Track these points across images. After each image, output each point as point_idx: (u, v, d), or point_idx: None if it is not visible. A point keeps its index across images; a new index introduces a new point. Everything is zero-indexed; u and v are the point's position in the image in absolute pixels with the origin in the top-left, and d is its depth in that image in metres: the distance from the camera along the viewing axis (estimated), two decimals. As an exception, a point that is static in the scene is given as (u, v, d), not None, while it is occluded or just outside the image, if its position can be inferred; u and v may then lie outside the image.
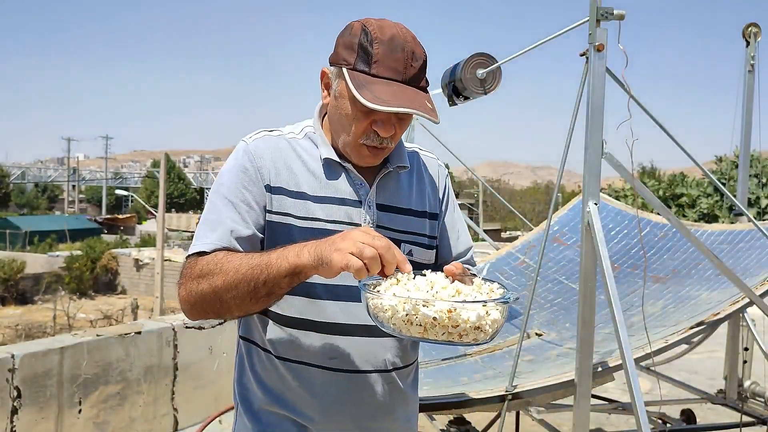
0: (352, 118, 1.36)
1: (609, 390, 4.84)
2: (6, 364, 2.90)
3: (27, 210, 55.07)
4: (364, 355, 1.42)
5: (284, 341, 1.41)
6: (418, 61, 1.35)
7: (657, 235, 4.43)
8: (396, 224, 1.46)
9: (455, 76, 3.46)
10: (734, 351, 4.09)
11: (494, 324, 1.13)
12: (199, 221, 1.40)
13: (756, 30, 4.06)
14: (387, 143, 1.39)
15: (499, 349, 3.63)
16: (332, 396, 1.40)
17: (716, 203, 20.90)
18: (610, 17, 2.46)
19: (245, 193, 1.37)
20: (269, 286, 1.23)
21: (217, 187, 1.41)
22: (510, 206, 5.84)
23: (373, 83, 1.31)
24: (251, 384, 1.45)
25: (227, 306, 1.28)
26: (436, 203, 1.56)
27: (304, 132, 1.48)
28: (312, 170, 1.42)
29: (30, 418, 2.98)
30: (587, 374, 2.56)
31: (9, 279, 18.42)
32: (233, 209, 1.36)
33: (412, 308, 1.11)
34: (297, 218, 1.38)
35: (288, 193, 1.39)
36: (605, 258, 2.46)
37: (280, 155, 1.42)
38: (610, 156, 2.59)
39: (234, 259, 1.27)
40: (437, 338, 1.12)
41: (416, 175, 1.54)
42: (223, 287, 1.25)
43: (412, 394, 1.56)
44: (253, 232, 1.36)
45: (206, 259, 1.30)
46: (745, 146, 4.26)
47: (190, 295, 1.31)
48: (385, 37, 1.33)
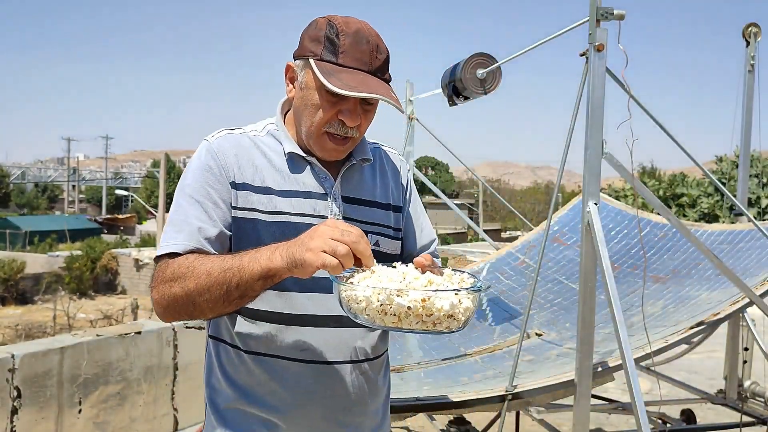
0: (319, 107, 1.36)
1: (609, 390, 4.85)
2: (6, 364, 2.90)
3: (27, 210, 55.08)
4: (335, 346, 1.41)
5: (253, 335, 1.40)
6: (383, 54, 1.38)
7: (657, 235, 4.43)
8: (362, 216, 1.47)
9: (455, 76, 3.46)
10: (734, 351, 4.09)
11: (466, 312, 1.15)
12: (166, 222, 1.40)
13: (756, 30, 4.06)
14: (352, 133, 1.40)
15: (499, 349, 3.63)
16: (303, 388, 1.40)
17: (716, 203, 20.89)
18: (610, 17, 2.46)
19: (211, 191, 1.37)
20: (242, 289, 1.23)
21: (181, 188, 1.40)
22: (510, 206, 5.84)
23: (340, 72, 1.32)
24: (220, 383, 1.44)
25: (200, 309, 1.28)
26: (399, 196, 1.58)
27: (266, 129, 1.48)
28: (276, 165, 1.43)
29: (30, 418, 2.98)
30: (587, 374, 2.56)
31: (9, 279, 18.41)
32: (200, 208, 1.36)
33: (386, 298, 1.13)
34: (263, 213, 1.38)
35: (253, 189, 1.39)
36: (605, 258, 2.46)
37: (244, 152, 1.42)
38: (610, 156, 2.59)
39: (206, 261, 1.27)
40: (411, 327, 1.14)
41: (379, 169, 1.56)
42: (195, 291, 1.26)
43: (383, 386, 1.54)
44: (221, 230, 1.36)
45: (178, 261, 1.30)
46: (745, 146, 4.26)
47: (162, 298, 1.31)
48: (351, 30, 1.35)
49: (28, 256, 21.70)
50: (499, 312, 4.10)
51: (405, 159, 1.73)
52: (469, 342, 3.79)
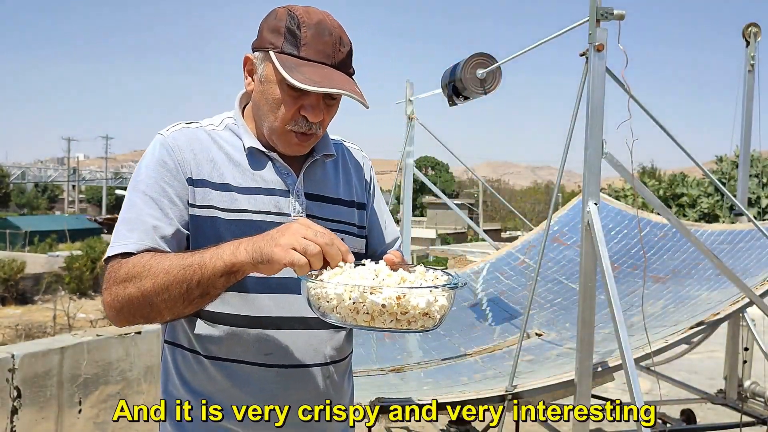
0: (280, 102, 1.30)
1: (609, 390, 4.84)
2: (6, 364, 2.90)
3: (27, 210, 55.08)
4: (300, 349, 1.35)
5: (214, 339, 1.33)
6: (346, 47, 1.32)
7: (657, 235, 4.44)
8: (326, 213, 1.41)
9: (455, 76, 3.47)
10: (734, 351, 4.09)
11: (442, 310, 1.12)
12: (117, 221, 1.31)
13: (756, 30, 4.06)
14: (316, 129, 1.34)
15: (499, 349, 3.64)
16: (268, 394, 1.33)
17: (716, 203, 20.90)
18: (610, 17, 2.46)
19: (166, 188, 1.30)
20: (203, 287, 1.17)
21: (134, 184, 1.32)
22: (510, 206, 5.85)
23: (302, 65, 1.26)
24: (178, 391, 1.36)
25: (158, 309, 1.21)
26: (362, 193, 1.52)
27: (224, 124, 1.41)
28: (235, 161, 1.36)
29: (30, 418, 2.98)
30: (587, 374, 2.56)
31: (9, 279, 18.41)
32: (154, 206, 1.28)
33: (359, 296, 1.07)
34: (223, 211, 1.31)
35: (211, 186, 1.32)
36: (605, 258, 2.46)
37: (201, 147, 1.35)
38: (610, 156, 2.59)
39: (163, 260, 1.20)
40: (384, 326, 1.09)
41: (342, 165, 1.50)
42: (152, 290, 1.18)
43: (348, 388, 1.49)
44: (177, 228, 1.29)
45: (132, 261, 1.22)
46: (745, 146, 4.26)
47: (115, 301, 1.23)
48: (312, 21, 1.29)
49: (28, 256, 21.71)
50: (499, 312, 4.10)
51: (405, 159, 1.70)
52: (469, 342, 3.80)
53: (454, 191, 56.13)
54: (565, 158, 2.77)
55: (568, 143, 2.74)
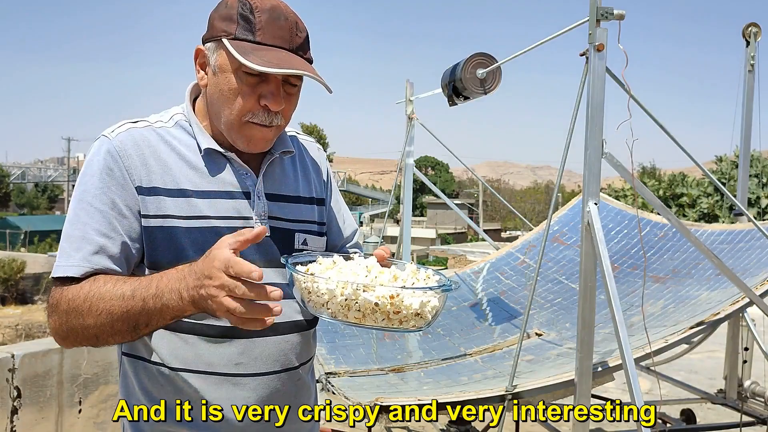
0: (237, 92, 1.21)
1: (609, 390, 4.84)
2: (6, 364, 2.90)
3: (27, 210, 55.07)
4: (272, 356, 1.30)
5: (181, 351, 1.25)
6: (303, 32, 1.25)
7: (657, 235, 4.43)
8: (287, 214, 1.35)
9: (455, 76, 3.46)
10: (734, 351, 4.09)
11: (433, 310, 1.11)
12: (62, 236, 1.22)
13: (756, 30, 4.06)
14: (277, 120, 1.25)
15: (499, 349, 3.64)
16: (240, 404, 1.28)
17: (716, 203, 20.90)
18: (610, 17, 2.46)
19: (113, 197, 1.21)
20: (152, 327, 1.16)
21: (80, 195, 1.22)
22: (510, 206, 5.85)
23: (259, 50, 1.19)
24: (141, 406, 1.29)
25: (104, 341, 1.19)
26: (321, 189, 1.46)
27: (173, 120, 1.31)
28: (190, 163, 1.27)
29: (30, 418, 2.98)
30: (587, 374, 2.56)
31: (9, 279, 18.41)
32: (101, 219, 1.20)
33: (352, 293, 1.06)
34: (181, 218, 1.23)
35: (166, 193, 1.23)
36: (605, 258, 2.46)
37: (150, 150, 1.25)
38: (610, 156, 2.59)
39: (104, 296, 1.14)
40: (375, 324, 1.08)
41: (299, 161, 1.43)
42: (95, 327, 1.15)
43: (313, 387, 1.46)
44: (126, 243, 1.21)
45: (73, 292, 1.16)
46: (745, 146, 4.26)
47: (60, 329, 1.20)
48: (266, 6, 1.22)
49: (28, 256, 21.71)
50: (499, 312, 4.10)
51: (405, 159, 1.69)
52: (469, 342, 3.80)
53: (454, 191, 56.14)
54: (565, 158, 2.77)
55: (568, 143, 2.74)
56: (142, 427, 1.29)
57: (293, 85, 1.26)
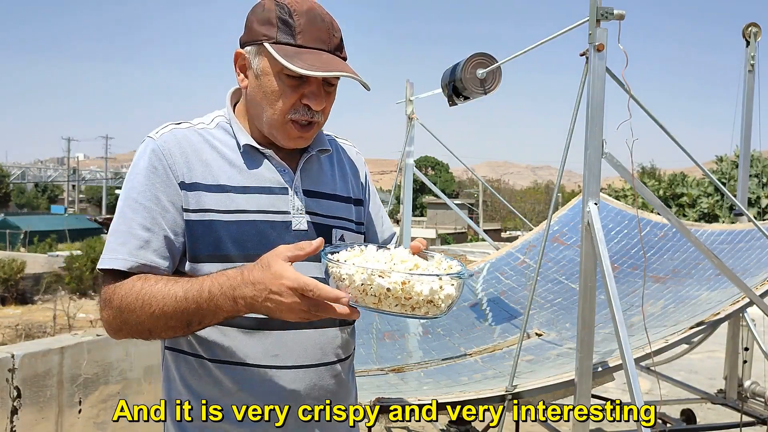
0: (279, 94, 1.27)
1: (609, 390, 4.85)
2: (6, 364, 2.90)
3: (27, 210, 55.07)
4: (308, 349, 1.33)
5: (218, 343, 1.30)
6: (338, 32, 1.31)
7: (657, 235, 4.43)
8: (324, 209, 1.39)
9: (455, 76, 3.46)
10: (734, 351, 4.09)
11: (447, 299, 1.13)
12: (109, 231, 1.29)
13: (756, 30, 4.06)
14: (318, 117, 1.31)
15: (499, 349, 3.64)
16: (277, 397, 1.30)
17: (716, 203, 20.90)
18: (610, 17, 2.46)
19: (159, 195, 1.27)
20: (205, 324, 1.21)
21: (126, 192, 1.29)
22: (510, 206, 5.85)
23: (301, 53, 1.24)
24: (182, 397, 1.33)
25: (157, 335, 1.25)
26: (359, 190, 1.51)
27: (215, 122, 1.38)
28: (230, 160, 1.33)
29: (30, 418, 2.98)
30: (587, 374, 2.56)
31: (9, 279, 18.41)
32: (146, 214, 1.26)
33: (367, 278, 1.11)
34: (220, 212, 1.28)
35: (205, 188, 1.29)
36: (605, 258, 2.46)
37: (192, 148, 1.31)
38: (610, 156, 2.59)
39: (156, 295, 1.19)
40: (390, 309, 1.12)
41: (337, 161, 1.48)
42: (149, 322, 1.20)
43: (352, 386, 1.48)
44: (170, 238, 1.27)
45: (125, 289, 1.22)
46: (745, 146, 4.26)
47: (114, 322, 1.25)
48: (303, 9, 1.27)
49: (28, 256, 21.72)
50: (499, 312, 4.10)
51: (405, 159, 1.70)
52: (469, 342, 3.80)
53: (454, 191, 56.15)
54: (565, 158, 2.77)
55: (568, 143, 2.74)
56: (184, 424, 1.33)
57: (332, 84, 1.32)
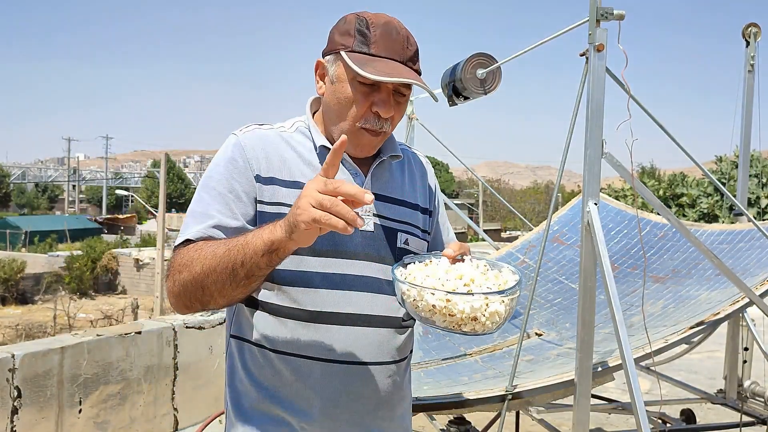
0: (352, 101, 1.34)
1: (609, 390, 4.85)
2: (6, 364, 2.90)
3: (27, 210, 55.07)
4: (364, 347, 1.37)
5: (280, 334, 1.36)
6: (413, 46, 1.38)
7: (657, 235, 4.43)
8: (392, 213, 1.44)
9: (455, 76, 3.46)
10: (734, 351, 4.09)
11: (493, 316, 1.13)
12: (186, 214, 1.38)
13: (756, 30, 4.06)
14: (386, 127, 1.38)
15: (499, 349, 3.64)
16: (331, 390, 1.36)
17: (716, 203, 20.90)
18: (610, 17, 2.46)
19: (234, 183, 1.35)
20: (247, 266, 1.20)
21: (205, 180, 1.38)
22: (510, 206, 5.84)
23: (373, 61, 1.32)
24: (243, 384, 1.40)
25: (209, 292, 1.25)
26: (426, 198, 1.56)
27: (295, 126, 1.46)
28: (306, 160, 1.40)
29: (30, 418, 2.98)
30: (587, 374, 2.56)
31: (9, 279, 18.43)
32: (221, 200, 1.34)
33: (417, 294, 1.15)
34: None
35: (281, 183, 1.37)
36: (605, 258, 2.46)
37: (272, 146, 1.40)
38: (610, 156, 2.59)
39: (213, 244, 1.25)
40: (441, 325, 1.15)
41: (407, 169, 1.54)
42: (202, 273, 1.24)
43: (408, 390, 1.52)
44: (241, 223, 1.33)
45: (189, 248, 1.29)
46: (745, 146, 4.26)
47: (174, 286, 1.29)
48: (380, 21, 1.35)
49: (28, 256, 21.74)
50: (499, 312, 4.09)
51: None
52: (469, 342, 3.79)
53: (454, 191, 56.13)
54: (565, 158, 2.77)
55: (568, 143, 2.74)
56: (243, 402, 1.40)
57: (402, 94, 1.39)
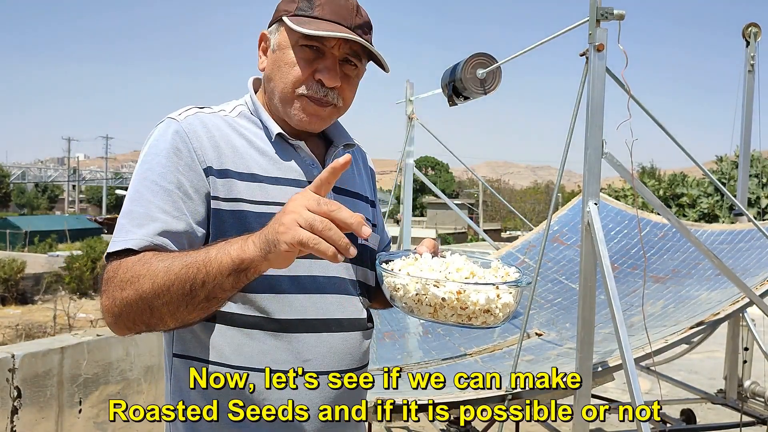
0: (294, 64, 1.21)
1: (609, 390, 4.85)
2: (6, 364, 2.90)
3: (27, 210, 55.09)
4: (338, 354, 1.24)
5: (242, 348, 1.17)
6: (364, 17, 1.25)
7: (657, 235, 4.43)
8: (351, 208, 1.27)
9: (455, 76, 3.46)
10: (734, 351, 4.09)
11: (505, 308, 1.10)
12: (120, 213, 1.15)
13: (756, 30, 4.06)
14: (333, 98, 1.23)
15: (499, 349, 3.64)
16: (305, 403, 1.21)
17: (716, 203, 20.90)
18: (610, 17, 2.46)
19: (180, 177, 1.15)
20: (209, 287, 1.01)
21: (143, 173, 1.16)
22: (510, 206, 5.85)
23: (317, 21, 1.20)
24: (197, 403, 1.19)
25: (159, 315, 1.05)
26: (371, 189, 1.47)
27: (236, 111, 1.29)
28: (260, 149, 1.24)
29: (30, 418, 2.98)
30: (587, 374, 2.56)
31: (9, 279, 18.41)
32: (166, 197, 1.13)
33: (422, 288, 1.08)
34: (252, 203, 1.18)
35: (237, 176, 1.19)
36: (605, 258, 2.46)
37: (220, 133, 1.21)
38: (610, 156, 2.59)
39: (165, 258, 1.05)
40: (447, 320, 1.09)
41: (354, 161, 1.43)
42: (151, 292, 1.03)
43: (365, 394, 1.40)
44: (191, 226, 1.14)
45: (132, 260, 1.07)
46: (745, 146, 4.26)
47: (113, 305, 1.07)
48: None
49: (28, 256, 21.72)
50: (499, 312, 4.09)
51: (405, 159, 1.69)
52: (469, 342, 3.80)
53: (454, 191, 56.13)
54: (565, 158, 2.77)
55: (568, 143, 2.75)
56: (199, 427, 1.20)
57: (353, 65, 1.25)
